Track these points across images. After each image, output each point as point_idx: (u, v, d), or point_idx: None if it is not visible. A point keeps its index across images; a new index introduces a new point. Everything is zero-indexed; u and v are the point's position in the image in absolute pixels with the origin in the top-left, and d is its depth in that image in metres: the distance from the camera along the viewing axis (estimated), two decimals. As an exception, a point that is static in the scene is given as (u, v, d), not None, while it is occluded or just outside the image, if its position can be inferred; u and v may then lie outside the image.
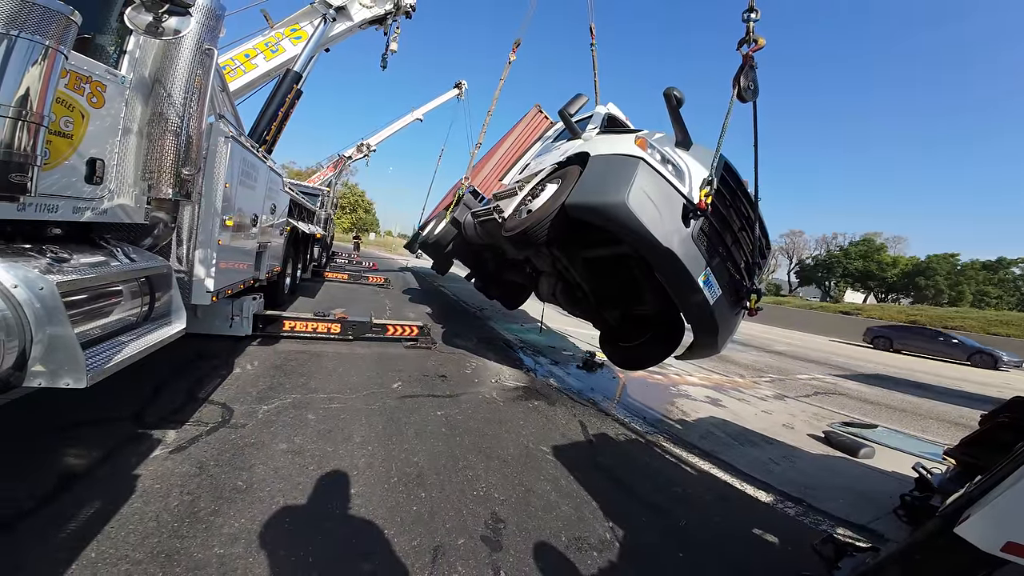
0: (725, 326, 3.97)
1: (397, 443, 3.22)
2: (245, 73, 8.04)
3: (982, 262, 46.61)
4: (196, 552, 1.90)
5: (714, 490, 3.40)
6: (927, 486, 3.24)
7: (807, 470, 4.09)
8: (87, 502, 2.09)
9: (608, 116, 5.38)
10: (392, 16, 10.25)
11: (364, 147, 19.51)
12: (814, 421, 5.92)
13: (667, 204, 3.47)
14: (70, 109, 2.22)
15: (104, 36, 2.52)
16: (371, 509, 2.39)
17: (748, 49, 3.29)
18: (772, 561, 2.61)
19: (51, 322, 1.84)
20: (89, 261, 2.35)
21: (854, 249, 53.20)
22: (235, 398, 3.53)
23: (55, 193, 2.22)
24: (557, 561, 2.26)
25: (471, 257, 8.89)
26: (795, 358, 13.25)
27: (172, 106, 2.79)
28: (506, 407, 4.43)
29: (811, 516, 3.19)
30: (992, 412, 3.41)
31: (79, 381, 1.91)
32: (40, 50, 1.71)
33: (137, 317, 2.69)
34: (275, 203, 6.00)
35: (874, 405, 7.80)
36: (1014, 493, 1.50)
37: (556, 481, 3.08)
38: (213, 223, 3.76)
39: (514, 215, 4.64)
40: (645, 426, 4.60)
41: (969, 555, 1.52)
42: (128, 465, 2.42)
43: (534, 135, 8.29)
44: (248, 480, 2.47)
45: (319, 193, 13.94)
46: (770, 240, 4.36)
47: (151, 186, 2.86)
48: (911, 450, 5.11)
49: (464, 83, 18.99)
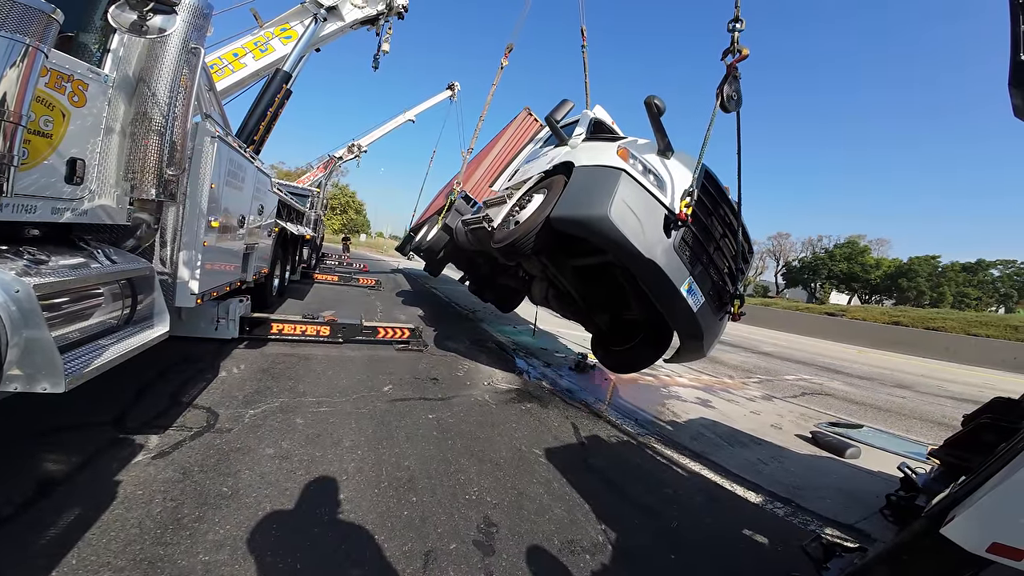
0: (710, 331, 4.03)
1: (387, 447, 3.18)
2: (233, 72, 7.93)
3: (962, 264, 47.84)
4: (180, 559, 1.85)
5: (705, 491, 3.42)
6: (912, 486, 3.29)
7: (795, 470, 4.14)
8: (67, 508, 2.03)
9: (594, 121, 5.41)
10: (384, 17, 10.20)
11: (355, 148, 19.35)
12: (801, 421, 5.99)
13: (648, 215, 3.51)
14: (50, 108, 2.17)
15: (87, 34, 2.47)
16: (361, 514, 2.36)
17: (732, 59, 3.32)
18: (762, 561, 2.63)
19: (27, 325, 1.79)
20: (68, 263, 2.30)
21: (839, 251, 54.17)
22: (220, 402, 3.47)
23: (33, 194, 2.17)
24: (550, 564, 2.25)
25: (465, 261, 8.89)
26: (782, 359, 13.41)
27: (156, 105, 2.74)
28: (498, 410, 4.41)
29: (800, 516, 3.22)
30: (974, 413, 3.48)
31: (57, 386, 1.86)
32: (20, 48, 1.66)
33: (118, 320, 2.64)
34: (263, 204, 5.91)
35: (860, 405, 7.92)
36: (998, 494, 1.53)
37: (549, 484, 3.07)
38: (198, 224, 3.69)
39: (503, 226, 4.67)
40: (636, 428, 4.61)
41: (955, 556, 1.54)
42: (109, 471, 2.36)
43: (524, 138, 8.30)
44: (234, 486, 2.42)
45: (308, 194, 13.79)
46: (752, 245, 4.43)
47: (134, 186, 2.81)
48: (896, 450, 5.19)
49: (457, 84, 18.96)
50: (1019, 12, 1.84)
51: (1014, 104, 2.05)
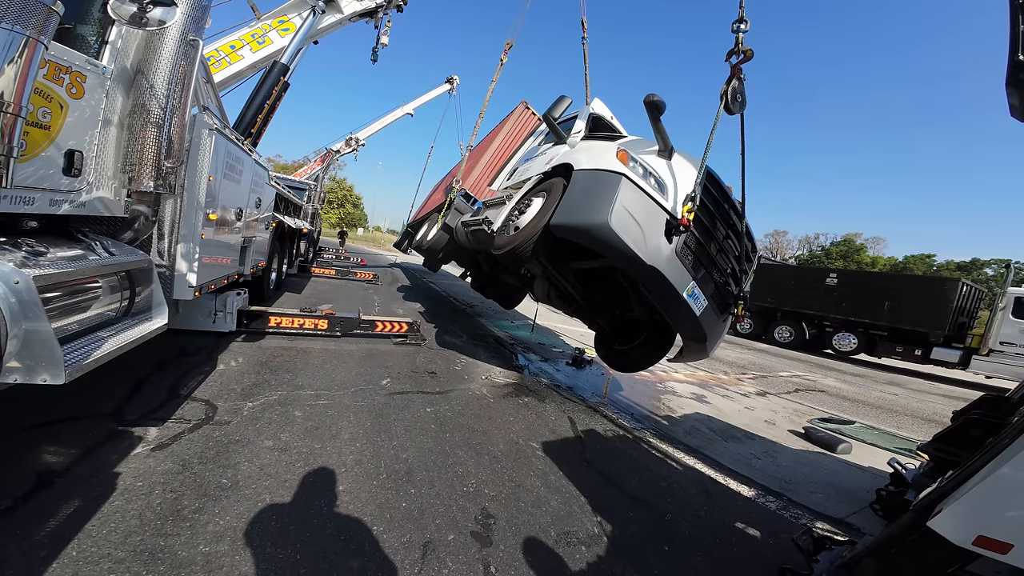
0: (713, 333, 4.00)
1: (386, 440, 3.20)
2: (231, 64, 7.85)
3: (957, 263, 48.13)
4: (180, 550, 1.87)
5: (699, 485, 3.47)
6: (902, 481, 3.35)
7: (788, 465, 4.20)
8: (67, 500, 2.04)
9: (593, 117, 5.35)
10: (383, 9, 10.11)
11: (353, 141, 19.26)
12: (794, 417, 6.06)
13: (650, 221, 3.45)
14: (48, 100, 2.15)
15: (86, 26, 2.45)
16: (359, 506, 2.38)
17: (737, 61, 3.27)
18: (754, 553, 2.68)
19: (27, 317, 1.79)
20: (67, 255, 2.29)
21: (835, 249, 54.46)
22: (219, 395, 3.48)
23: (31, 185, 2.16)
24: (546, 555, 2.29)
25: (466, 259, 8.87)
26: (777, 356, 13.52)
27: (155, 97, 2.72)
28: (496, 403, 4.44)
29: (791, 510, 3.28)
30: (963, 409, 3.54)
31: (57, 377, 1.87)
32: (20, 40, 1.65)
33: (117, 312, 2.63)
34: (260, 197, 5.89)
35: (852, 402, 8.02)
36: (984, 488, 1.56)
37: (545, 476, 3.11)
38: (196, 217, 3.68)
39: (502, 230, 4.63)
40: (632, 422, 4.66)
41: (942, 549, 1.57)
42: (109, 463, 2.37)
43: (523, 133, 8.27)
44: (233, 478, 2.44)
45: (306, 187, 13.71)
46: (756, 244, 4.41)
47: (132, 179, 2.79)
48: (886, 445, 5.27)
49: (456, 78, 18.86)
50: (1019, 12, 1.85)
51: (1011, 103, 2.06)
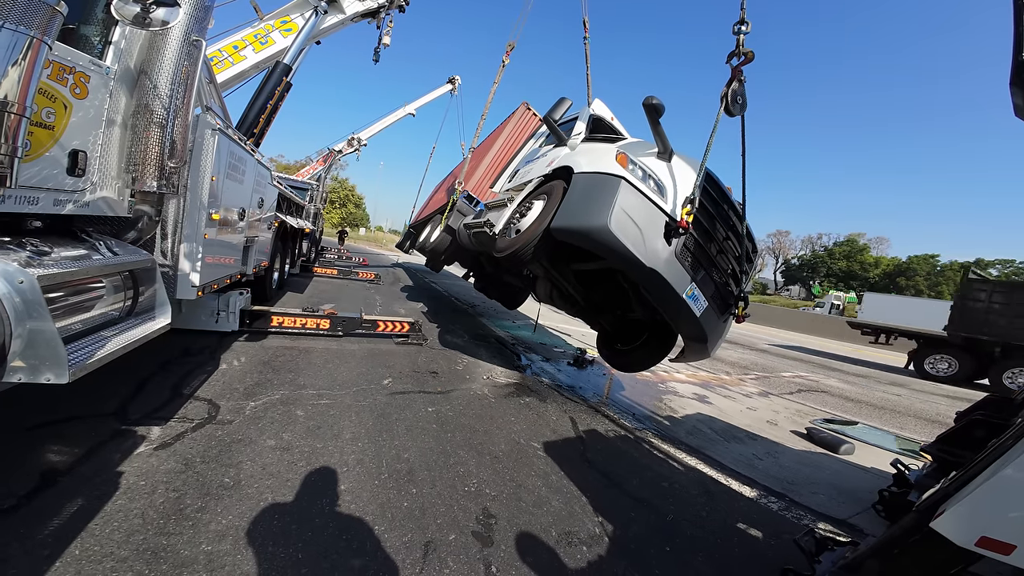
0: (714, 334, 4.01)
1: (387, 439, 3.21)
2: (233, 65, 7.88)
3: (960, 263, 47.94)
4: (183, 549, 1.88)
5: (701, 485, 3.46)
6: (905, 482, 3.34)
7: (790, 466, 4.19)
8: (70, 499, 2.05)
9: (593, 118, 5.34)
10: (385, 10, 10.14)
11: (355, 141, 19.32)
12: (797, 418, 6.04)
13: (649, 224, 3.46)
14: (52, 100, 2.16)
15: (89, 26, 2.45)
16: (361, 505, 2.39)
17: (737, 63, 3.27)
18: (756, 554, 2.67)
19: (31, 316, 1.80)
20: (71, 254, 2.30)
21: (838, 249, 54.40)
22: (221, 394, 3.49)
23: (36, 185, 2.17)
24: (548, 555, 2.29)
25: (469, 260, 8.90)
26: (779, 356, 13.48)
27: (158, 98, 2.73)
28: (497, 403, 4.44)
29: (793, 511, 3.27)
30: (966, 410, 3.52)
31: (61, 376, 1.87)
32: (24, 40, 1.66)
33: (120, 312, 2.65)
34: (263, 197, 5.91)
35: (855, 402, 7.99)
36: (987, 489, 1.55)
37: (547, 476, 3.11)
38: (199, 217, 3.70)
39: (504, 233, 4.66)
40: (634, 422, 4.65)
41: (944, 549, 1.57)
42: (112, 462, 2.38)
43: (524, 134, 8.27)
44: (235, 477, 2.45)
45: (308, 187, 13.77)
46: (756, 244, 4.40)
47: (135, 179, 2.81)
48: (890, 446, 5.25)
49: (458, 78, 18.88)
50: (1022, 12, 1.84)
51: (1015, 103, 2.06)
